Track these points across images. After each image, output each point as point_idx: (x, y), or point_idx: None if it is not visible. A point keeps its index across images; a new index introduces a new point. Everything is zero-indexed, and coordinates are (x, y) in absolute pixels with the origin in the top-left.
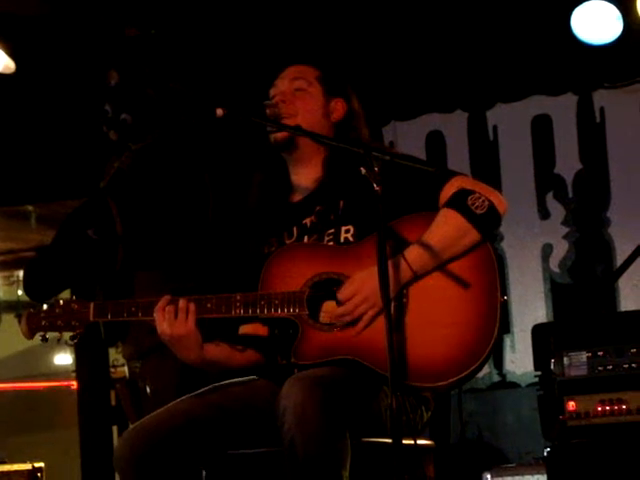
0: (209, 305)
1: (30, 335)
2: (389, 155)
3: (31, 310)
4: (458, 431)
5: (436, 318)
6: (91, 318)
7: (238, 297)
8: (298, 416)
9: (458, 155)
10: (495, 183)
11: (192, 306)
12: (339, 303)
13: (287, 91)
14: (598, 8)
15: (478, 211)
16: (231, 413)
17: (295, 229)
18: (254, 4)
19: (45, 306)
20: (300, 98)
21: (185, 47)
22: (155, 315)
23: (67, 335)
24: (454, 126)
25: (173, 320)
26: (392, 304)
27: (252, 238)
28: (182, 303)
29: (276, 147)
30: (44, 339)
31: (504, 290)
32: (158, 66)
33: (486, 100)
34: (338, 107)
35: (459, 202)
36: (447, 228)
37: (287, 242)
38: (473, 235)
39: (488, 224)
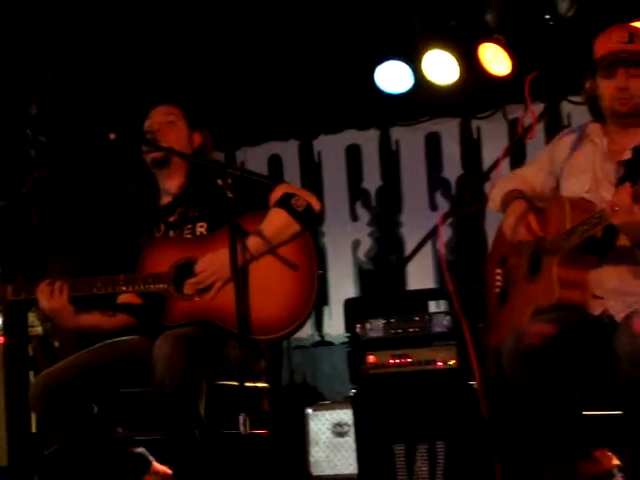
0: (99, 284)
1: None
2: (239, 170)
3: None
4: (288, 377)
5: (270, 288)
6: (9, 297)
7: (122, 277)
8: (167, 364)
9: (292, 173)
10: (319, 195)
11: (65, 286)
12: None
13: (163, 122)
14: (395, 66)
15: (299, 209)
16: (117, 361)
17: (162, 225)
18: (129, 57)
19: None
20: (171, 128)
21: (86, 87)
22: (37, 294)
23: None
24: (289, 151)
25: (50, 297)
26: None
27: (130, 233)
28: (57, 284)
29: (153, 163)
30: None
31: (321, 267)
32: (67, 101)
33: (312, 132)
34: (197, 138)
35: (285, 202)
36: (276, 222)
37: (156, 235)
38: (295, 227)
39: (307, 218)
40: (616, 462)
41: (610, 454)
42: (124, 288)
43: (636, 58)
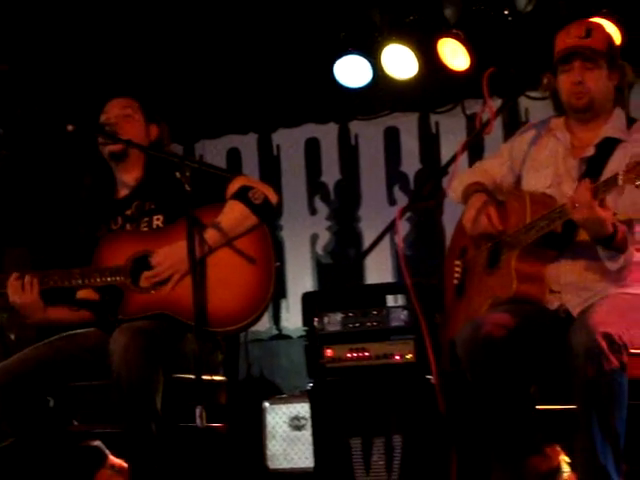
0: (55, 277)
1: None
2: (197, 163)
3: None
4: (245, 370)
5: (227, 281)
6: None
7: (77, 271)
8: (123, 357)
9: (250, 167)
10: (277, 188)
11: (35, 280)
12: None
13: (120, 115)
14: (354, 60)
15: (256, 202)
16: (73, 354)
17: (119, 218)
18: (87, 49)
19: None
20: (129, 121)
21: (43, 79)
22: (7, 289)
23: None
24: (248, 144)
25: (21, 292)
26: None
27: (86, 226)
28: (27, 278)
29: (110, 156)
30: None
31: (279, 260)
32: (24, 93)
33: (272, 125)
34: (153, 131)
35: (242, 195)
36: (233, 214)
37: (113, 228)
38: (253, 219)
39: (264, 211)
40: (564, 458)
41: (559, 449)
42: (79, 281)
43: (591, 52)
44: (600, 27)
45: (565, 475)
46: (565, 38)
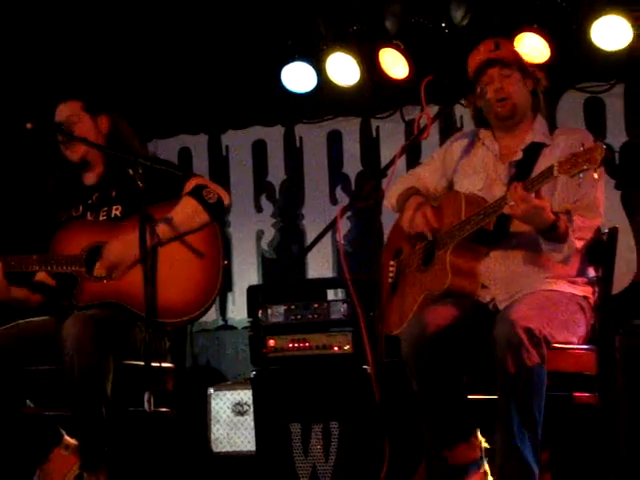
0: (12, 263)
1: None
2: (150, 161)
3: None
4: (192, 358)
5: (177, 274)
6: None
7: (35, 257)
8: (75, 344)
9: (201, 166)
10: (225, 186)
11: (0, 263)
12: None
13: (67, 122)
14: (300, 67)
15: (210, 201)
16: (26, 340)
17: (81, 206)
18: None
19: None
20: (77, 126)
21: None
22: None
23: None
24: (199, 144)
25: None
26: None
27: (48, 214)
28: None
29: (71, 163)
30: None
31: (226, 255)
32: None
33: (221, 127)
34: (103, 122)
35: (196, 193)
36: (186, 210)
37: (74, 215)
38: (204, 216)
39: (216, 210)
40: (485, 445)
41: (480, 436)
42: (36, 267)
43: (506, 60)
44: (506, 41)
45: (486, 464)
46: (476, 56)
